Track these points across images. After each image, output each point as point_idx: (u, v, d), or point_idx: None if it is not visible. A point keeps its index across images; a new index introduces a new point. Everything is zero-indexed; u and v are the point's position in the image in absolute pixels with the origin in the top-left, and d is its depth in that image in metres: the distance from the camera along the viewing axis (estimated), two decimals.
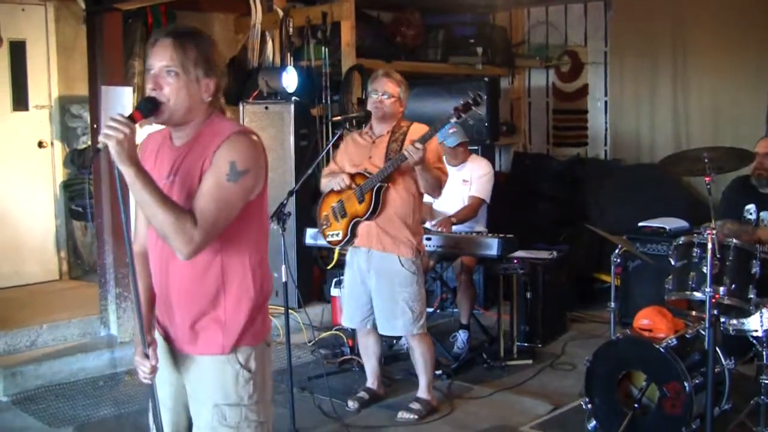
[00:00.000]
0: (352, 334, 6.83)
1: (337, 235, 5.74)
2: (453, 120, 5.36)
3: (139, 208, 3.05)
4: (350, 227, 5.65)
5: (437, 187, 5.64)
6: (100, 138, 2.87)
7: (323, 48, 8.70)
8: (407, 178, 5.54)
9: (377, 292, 5.68)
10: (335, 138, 5.77)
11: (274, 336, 7.28)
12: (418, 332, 5.70)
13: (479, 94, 5.32)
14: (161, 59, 3.02)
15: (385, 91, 5.60)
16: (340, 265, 7.39)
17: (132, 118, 2.91)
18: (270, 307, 7.27)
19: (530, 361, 6.90)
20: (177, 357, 3.25)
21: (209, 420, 3.17)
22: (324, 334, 7.47)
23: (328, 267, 7.66)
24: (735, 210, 6.16)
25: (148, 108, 3.01)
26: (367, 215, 5.54)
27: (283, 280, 5.11)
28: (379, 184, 5.48)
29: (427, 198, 6.01)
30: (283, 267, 5.09)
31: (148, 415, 3.35)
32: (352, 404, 5.91)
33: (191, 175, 3.05)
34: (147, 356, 3.15)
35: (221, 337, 3.13)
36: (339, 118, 6.04)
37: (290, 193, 5.29)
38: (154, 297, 3.30)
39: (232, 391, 3.15)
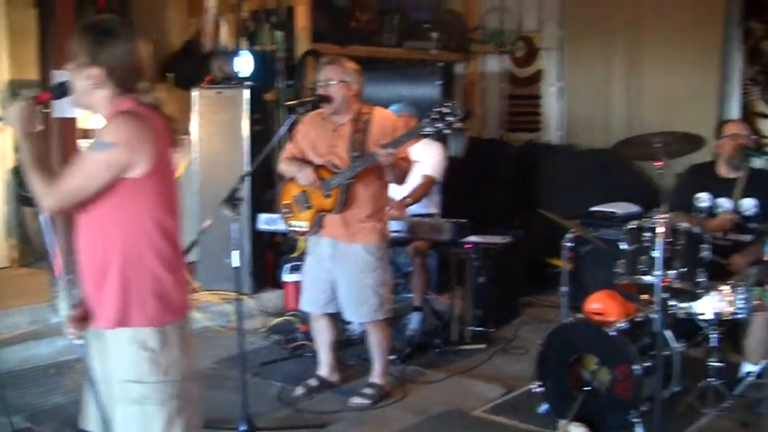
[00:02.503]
0: (305, 319, 6.83)
1: (302, 226, 5.71)
2: (427, 129, 5.32)
3: None
4: (316, 220, 5.63)
5: (403, 177, 5.65)
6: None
7: (278, 32, 8.65)
8: (374, 170, 5.48)
9: (343, 280, 5.65)
10: (288, 123, 5.71)
11: (226, 321, 7.33)
12: (382, 317, 5.71)
13: (457, 104, 5.28)
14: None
15: (328, 78, 5.50)
16: (293, 250, 7.39)
17: (38, 98, 3.27)
18: (221, 292, 7.35)
19: (483, 346, 6.92)
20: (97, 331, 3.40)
21: (117, 393, 3.31)
22: (277, 320, 7.44)
23: (292, 255, 7.63)
24: (686, 198, 6.22)
25: (61, 91, 3.30)
26: (334, 211, 5.53)
27: (234, 265, 5.06)
28: (346, 182, 5.47)
29: None
30: (234, 252, 5.04)
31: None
32: (299, 390, 5.89)
33: None
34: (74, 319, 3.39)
35: (108, 312, 3.26)
36: (293, 102, 6.00)
37: (242, 178, 5.22)
38: None
39: (133, 368, 3.26)
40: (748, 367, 5.71)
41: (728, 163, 6.16)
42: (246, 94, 7.93)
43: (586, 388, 5.09)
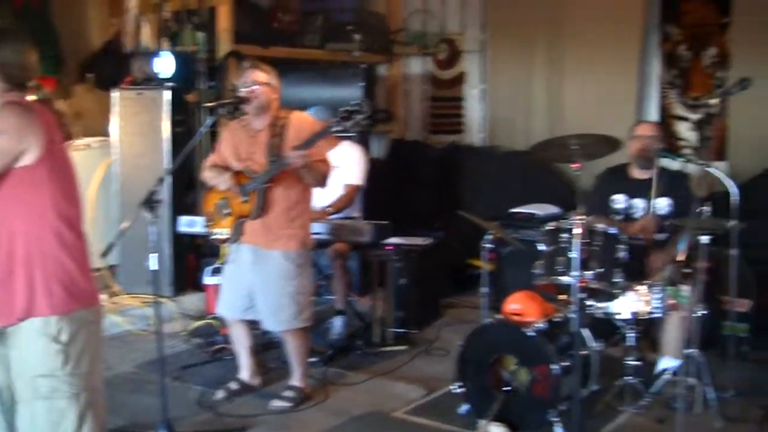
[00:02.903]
0: (225, 322, 6.79)
1: (224, 233, 5.68)
2: (336, 128, 5.32)
3: None
4: (237, 226, 5.60)
5: (322, 180, 5.62)
6: None
7: (200, 33, 8.58)
8: (292, 174, 5.46)
9: (263, 287, 5.61)
10: (207, 125, 5.66)
11: (146, 325, 7.25)
12: (301, 326, 5.68)
13: (364, 102, 5.31)
14: None
15: (254, 81, 5.49)
16: (215, 252, 7.34)
17: None
18: (142, 295, 7.27)
19: (405, 347, 6.95)
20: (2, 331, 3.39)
21: (24, 392, 3.32)
22: (198, 323, 7.36)
23: (217, 262, 7.56)
24: (603, 200, 6.31)
25: None
26: (253, 216, 5.50)
27: (152, 268, 5.00)
28: (263, 186, 5.44)
29: None
30: (152, 255, 4.97)
31: None
32: (219, 393, 5.85)
33: None
34: None
35: (15, 304, 3.28)
36: (212, 104, 5.95)
37: (160, 181, 5.15)
38: None
39: (42, 362, 3.29)
40: (664, 365, 5.82)
41: (636, 164, 6.27)
42: (167, 95, 7.88)
43: (505, 388, 5.15)
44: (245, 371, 6.00)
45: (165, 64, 7.92)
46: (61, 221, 3.32)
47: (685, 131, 9.01)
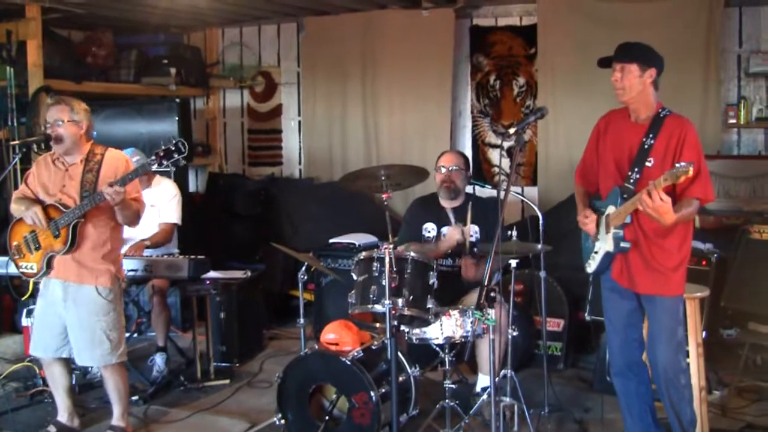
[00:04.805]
0: (41, 362, 6.65)
1: (32, 267, 5.56)
2: (154, 167, 5.34)
3: None
4: (45, 260, 5.50)
5: (135, 218, 5.61)
6: None
7: (9, 68, 8.39)
8: (104, 211, 5.44)
9: (75, 323, 5.52)
10: (12, 163, 5.56)
11: None
12: (116, 361, 5.61)
13: (181, 141, 5.33)
14: None
15: (56, 119, 5.46)
16: (35, 295, 7.17)
17: None
18: None
19: (227, 381, 6.95)
20: None
21: None
22: (15, 366, 7.14)
23: (23, 298, 7.39)
24: (415, 229, 6.46)
25: None
26: (63, 250, 5.42)
27: None
28: (75, 221, 5.38)
29: None
30: None
31: None
32: None
33: None
34: None
35: None
36: (17, 142, 5.86)
37: None
38: None
39: None
40: (480, 385, 6.00)
41: (440, 194, 6.45)
42: None
43: (326, 418, 5.23)
44: (63, 413, 5.87)
45: None
46: None
47: (498, 158, 9.28)
